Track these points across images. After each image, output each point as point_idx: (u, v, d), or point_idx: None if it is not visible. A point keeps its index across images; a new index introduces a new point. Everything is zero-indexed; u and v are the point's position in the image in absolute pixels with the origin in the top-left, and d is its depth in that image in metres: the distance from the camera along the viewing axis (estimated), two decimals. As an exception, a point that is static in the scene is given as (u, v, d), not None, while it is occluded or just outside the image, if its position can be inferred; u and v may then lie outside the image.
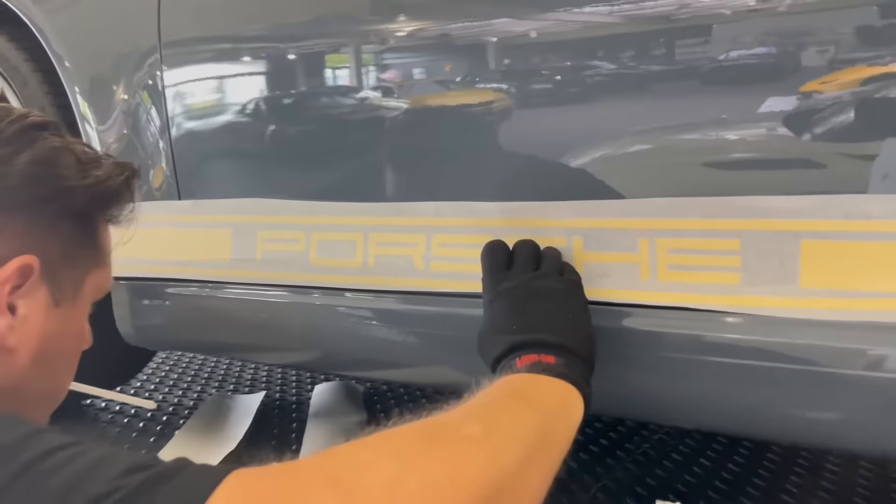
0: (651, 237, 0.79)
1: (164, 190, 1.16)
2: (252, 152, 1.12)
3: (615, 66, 0.81)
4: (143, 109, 1.19)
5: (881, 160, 0.68)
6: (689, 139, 0.78)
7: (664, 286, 0.79)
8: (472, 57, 0.91)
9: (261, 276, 1.07)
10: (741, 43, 0.74)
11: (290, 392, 1.68)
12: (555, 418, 0.62)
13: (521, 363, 0.69)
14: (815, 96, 0.71)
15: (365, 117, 1.00)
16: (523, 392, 0.65)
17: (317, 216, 1.02)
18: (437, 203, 0.93)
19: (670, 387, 0.81)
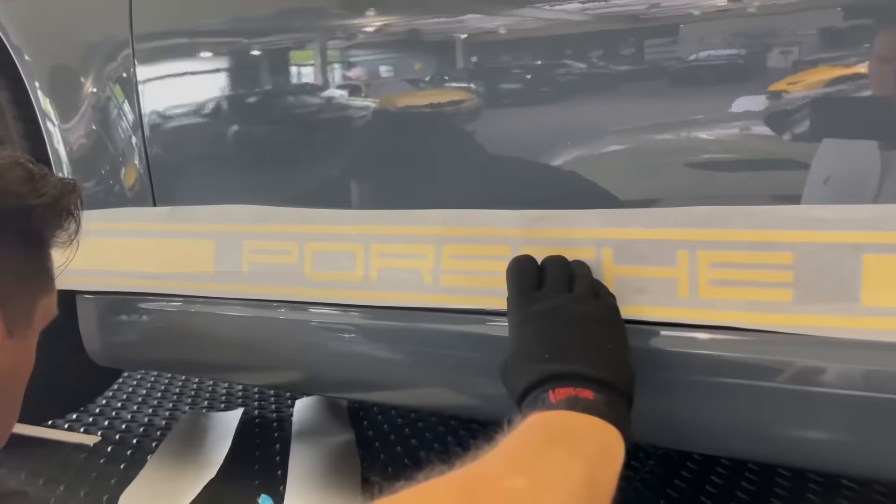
0: (691, 249, 0.72)
1: (138, 190, 1.06)
2: (235, 154, 1.03)
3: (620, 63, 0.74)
4: (115, 104, 1.08)
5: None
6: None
7: (706, 303, 0.72)
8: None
9: (248, 290, 0.97)
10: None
11: (269, 408, 1.58)
12: (601, 466, 0.56)
13: (556, 397, 0.62)
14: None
15: (365, 116, 0.92)
16: (566, 436, 0.58)
17: (311, 224, 0.93)
18: (447, 211, 0.85)
19: (709, 413, 0.74)
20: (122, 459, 1.29)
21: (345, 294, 0.91)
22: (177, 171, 1.07)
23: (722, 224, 0.70)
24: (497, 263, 0.81)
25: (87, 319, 1.09)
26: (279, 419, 1.50)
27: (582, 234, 0.77)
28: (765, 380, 0.70)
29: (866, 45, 0.65)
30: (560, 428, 0.59)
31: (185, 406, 1.59)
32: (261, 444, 1.37)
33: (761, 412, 0.71)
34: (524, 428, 0.59)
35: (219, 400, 1.63)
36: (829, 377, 0.68)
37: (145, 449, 1.33)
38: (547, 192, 0.81)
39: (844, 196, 0.67)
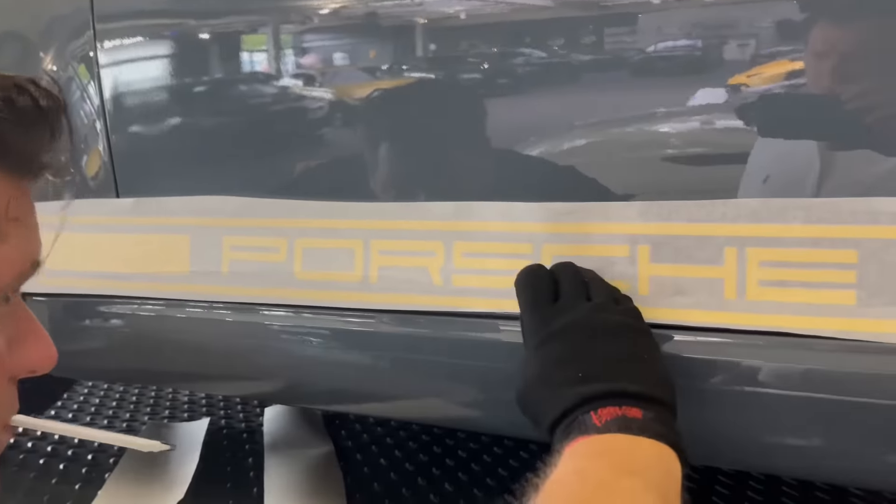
0: (740, 246, 0.65)
1: (100, 180, 0.94)
2: (206, 142, 0.92)
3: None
4: (78, 85, 0.96)
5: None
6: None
7: (755, 306, 0.65)
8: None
9: (229, 292, 0.87)
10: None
11: (236, 417, 1.46)
12: (671, 494, 0.52)
13: (601, 419, 0.55)
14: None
15: (361, 98, 0.83)
16: (633, 465, 0.52)
17: (302, 218, 0.83)
18: (459, 203, 0.76)
19: (760, 429, 0.68)
20: (76, 478, 1.17)
21: (341, 296, 0.81)
22: (142, 161, 0.96)
23: (775, 218, 0.64)
24: (516, 262, 0.73)
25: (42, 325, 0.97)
26: (249, 430, 1.39)
27: (616, 230, 0.69)
28: (820, 391, 0.64)
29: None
30: (622, 456, 0.53)
31: (144, 416, 1.47)
32: (231, 458, 1.26)
33: (817, 426, 0.65)
34: (580, 457, 0.53)
35: (180, 409, 1.51)
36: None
37: (102, 466, 1.21)
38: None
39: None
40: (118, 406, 1.52)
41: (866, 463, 0.65)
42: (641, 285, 0.69)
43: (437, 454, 1.26)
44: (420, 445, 1.30)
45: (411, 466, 1.22)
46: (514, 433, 0.99)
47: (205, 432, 1.34)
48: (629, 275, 0.69)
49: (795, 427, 0.66)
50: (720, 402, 0.68)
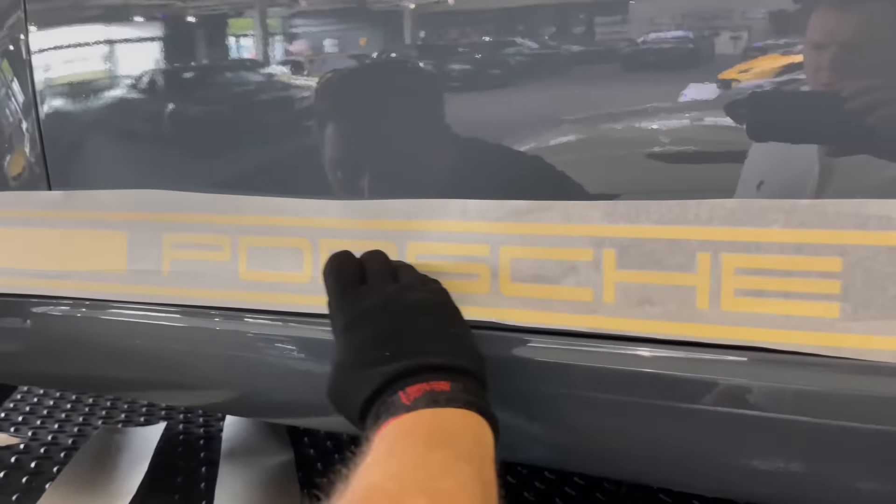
0: (714, 252, 0.59)
1: (25, 180, 0.87)
2: (151, 134, 0.85)
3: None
4: (1, 82, 0.89)
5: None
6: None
7: (730, 318, 0.59)
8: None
9: (169, 293, 0.80)
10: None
11: (196, 422, 1.39)
12: (484, 463, 0.51)
13: (409, 397, 0.54)
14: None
15: (313, 85, 0.76)
16: (443, 437, 0.52)
17: (246, 215, 0.77)
18: (413, 201, 0.70)
19: (734, 453, 0.62)
20: (15, 488, 1.10)
21: (288, 299, 0.75)
22: (78, 156, 0.88)
23: (753, 221, 0.58)
24: (473, 265, 0.68)
25: (-35, 326, 0.90)
26: (207, 436, 1.33)
27: (579, 231, 0.63)
28: (799, 413, 0.58)
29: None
30: (432, 430, 0.52)
31: (98, 420, 1.39)
32: (184, 466, 1.20)
33: (792, 450, 0.59)
34: (392, 438, 0.52)
35: (138, 413, 1.44)
36: (881, 412, 0.56)
37: (46, 475, 1.14)
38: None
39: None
40: (72, 409, 1.45)
41: (844, 490, 0.59)
42: (606, 293, 0.63)
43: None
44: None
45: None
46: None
47: (159, 438, 1.27)
48: (593, 281, 0.63)
49: (773, 451, 0.61)
50: (692, 422, 0.62)
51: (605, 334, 0.64)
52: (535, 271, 0.65)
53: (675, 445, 0.65)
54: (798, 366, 0.58)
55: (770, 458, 0.61)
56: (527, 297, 0.66)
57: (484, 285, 0.67)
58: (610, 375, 0.64)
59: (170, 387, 0.88)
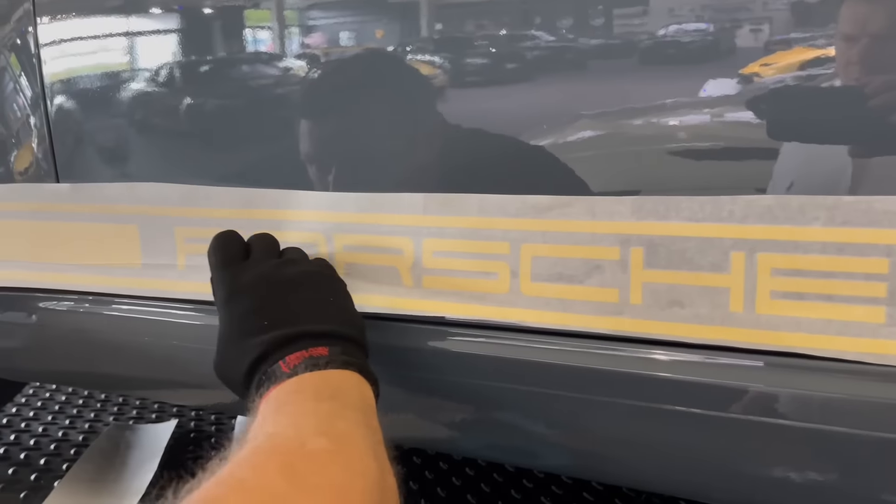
0: (749, 251, 0.56)
1: (32, 175, 0.85)
2: (160, 128, 0.82)
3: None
4: (10, 76, 0.87)
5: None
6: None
7: (766, 322, 0.56)
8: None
9: (184, 288, 0.78)
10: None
11: (207, 420, 1.37)
12: (369, 412, 0.54)
13: (289, 365, 0.56)
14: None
15: (323, 76, 0.73)
16: (329, 391, 0.54)
17: (259, 209, 0.74)
18: (429, 195, 0.67)
19: (761, 462, 0.58)
20: (24, 485, 1.08)
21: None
22: (89, 154, 0.85)
23: (792, 219, 0.54)
24: (493, 263, 0.64)
25: (-29, 321, 0.88)
26: (219, 433, 1.31)
27: (605, 229, 0.60)
28: (841, 424, 0.55)
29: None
30: (316, 386, 0.54)
31: (110, 416, 1.38)
32: (194, 464, 1.17)
33: (824, 463, 0.56)
34: (277, 399, 0.53)
35: (150, 409, 1.42)
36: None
37: (55, 472, 1.13)
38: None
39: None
40: (83, 405, 1.43)
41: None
42: (633, 294, 0.60)
43: (417, 465, 1.17)
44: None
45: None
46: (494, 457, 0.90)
47: (170, 435, 1.25)
48: (619, 281, 0.60)
49: (806, 462, 0.57)
50: (722, 431, 0.58)
51: (630, 337, 0.61)
52: (558, 270, 0.62)
53: (699, 454, 0.61)
54: (837, 374, 0.54)
55: (802, 469, 0.58)
56: (548, 298, 0.63)
57: (503, 284, 0.64)
58: (629, 380, 0.61)
59: (180, 386, 0.86)
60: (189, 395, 0.91)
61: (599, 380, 0.62)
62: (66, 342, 0.85)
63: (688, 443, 0.61)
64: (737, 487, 0.62)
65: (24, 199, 0.84)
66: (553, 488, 1.09)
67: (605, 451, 0.67)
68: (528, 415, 0.68)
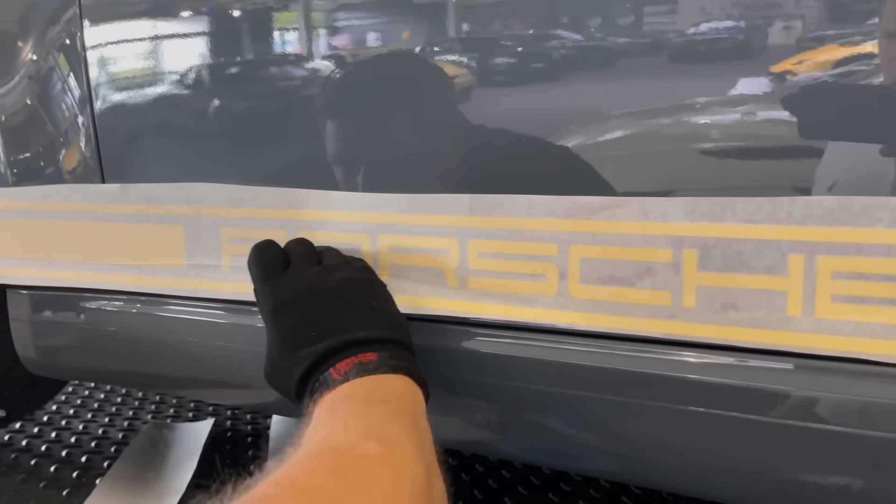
0: (809, 253, 0.54)
1: (80, 174, 0.86)
2: (208, 132, 0.83)
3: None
4: (59, 76, 0.88)
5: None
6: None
7: (826, 326, 0.54)
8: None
9: (229, 289, 0.78)
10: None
11: (243, 419, 1.38)
12: (419, 415, 0.55)
13: (339, 373, 0.57)
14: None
15: (369, 78, 0.73)
16: (379, 396, 0.55)
17: (304, 209, 0.74)
18: (474, 196, 0.66)
19: (822, 473, 0.57)
20: (66, 483, 1.10)
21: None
22: (135, 153, 0.86)
23: (854, 220, 0.53)
24: (540, 266, 0.64)
25: (19, 320, 0.89)
26: (255, 433, 1.31)
27: (657, 230, 0.59)
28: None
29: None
30: (368, 391, 0.56)
31: (148, 415, 1.39)
32: (232, 463, 1.18)
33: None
34: (330, 404, 0.54)
35: (186, 408, 1.43)
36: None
37: (96, 469, 1.14)
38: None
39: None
40: (122, 403, 1.45)
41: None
42: (687, 297, 0.59)
43: (453, 467, 1.16)
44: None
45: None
46: (533, 460, 0.89)
47: (207, 434, 1.26)
48: (671, 284, 0.59)
49: (870, 473, 0.55)
50: (777, 440, 0.57)
51: (682, 341, 0.60)
52: (608, 273, 0.61)
53: (746, 460, 0.60)
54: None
55: (854, 476, 0.56)
56: (597, 301, 0.62)
57: (551, 287, 0.63)
58: (671, 383, 0.60)
59: (222, 386, 0.86)
60: (231, 395, 0.92)
61: (644, 383, 0.61)
62: (112, 342, 0.86)
63: (732, 448, 0.60)
64: (788, 496, 0.61)
65: (72, 200, 0.85)
66: (561, 484, 1.08)
67: (650, 456, 0.66)
68: (572, 419, 0.67)
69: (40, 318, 0.89)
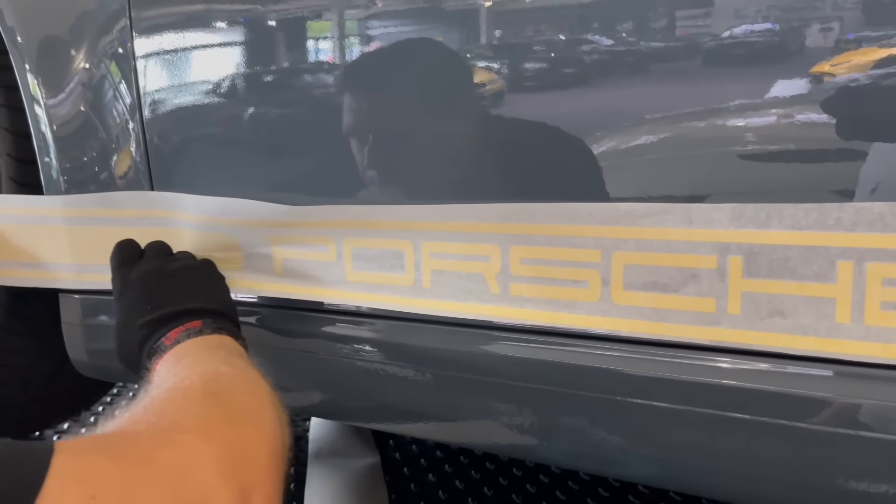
0: (858, 260, 0.54)
1: (131, 179, 0.88)
2: (252, 140, 0.84)
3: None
4: (110, 83, 0.90)
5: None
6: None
7: (876, 333, 0.54)
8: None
9: (280, 289, 0.81)
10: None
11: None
12: (249, 360, 0.63)
13: (170, 340, 0.65)
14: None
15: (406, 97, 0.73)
16: (211, 347, 0.63)
17: (345, 219, 0.75)
18: (515, 204, 0.67)
19: (875, 481, 0.56)
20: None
21: (392, 300, 0.73)
22: (181, 159, 0.88)
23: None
24: (582, 272, 0.64)
25: (71, 324, 0.92)
26: (294, 436, 1.33)
27: (702, 236, 0.59)
28: None
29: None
30: (199, 345, 0.63)
31: (190, 416, 1.42)
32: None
33: None
34: (169, 361, 0.61)
35: (227, 410, 1.46)
36: None
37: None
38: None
39: None
40: (165, 404, 1.48)
41: None
42: (731, 304, 0.58)
43: (489, 471, 1.16)
44: (472, 461, 1.21)
45: (461, 484, 1.13)
46: (573, 465, 0.90)
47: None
48: (716, 291, 0.58)
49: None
50: (824, 448, 0.56)
51: (727, 348, 0.59)
52: (651, 279, 0.61)
53: (784, 466, 0.60)
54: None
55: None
56: (641, 307, 0.62)
57: (594, 293, 0.63)
58: (714, 390, 0.60)
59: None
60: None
61: (684, 389, 0.61)
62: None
63: (771, 455, 0.60)
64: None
65: (129, 206, 0.87)
66: (599, 490, 1.08)
67: (690, 461, 0.66)
68: (612, 424, 0.67)
69: (92, 321, 0.91)
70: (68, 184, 0.91)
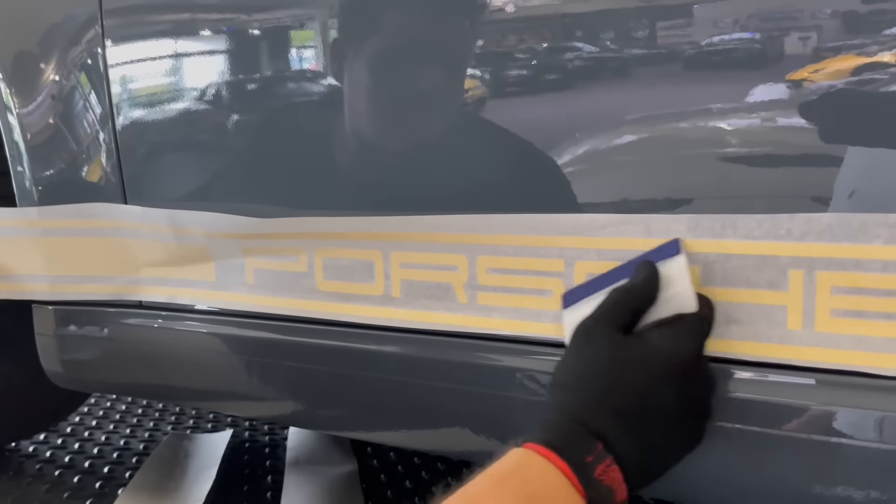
0: (808, 269, 0.55)
1: (104, 189, 0.89)
2: (226, 149, 0.85)
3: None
4: (80, 94, 0.91)
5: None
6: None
7: (826, 339, 0.56)
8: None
9: (253, 301, 0.81)
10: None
11: (261, 430, 1.41)
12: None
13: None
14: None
15: (381, 101, 0.75)
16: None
17: (315, 231, 0.76)
18: (477, 216, 0.68)
19: (823, 483, 0.58)
20: (89, 493, 1.12)
21: (361, 310, 0.74)
22: (154, 169, 0.89)
23: (853, 237, 0.54)
24: (546, 281, 0.65)
25: (44, 334, 0.93)
26: (272, 444, 1.34)
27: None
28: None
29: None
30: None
31: (168, 426, 1.42)
32: (250, 474, 1.21)
33: None
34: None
35: (205, 419, 1.46)
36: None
37: (118, 479, 1.17)
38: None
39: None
40: (143, 414, 1.48)
41: None
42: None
43: (465, 476, 1.17)
44: (449, 467, 1.22)
45: (437, 490, 1.14)
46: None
47: (226, 445, 1.29)
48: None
49: (867, 483, 0.56)
50: (777, 450, 0.58)
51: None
52: (615, 287, 0.62)
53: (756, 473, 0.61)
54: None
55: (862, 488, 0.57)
56: (604, 315, 0.63)
57: (558, 302, 0.65)
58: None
59: (241, 398, 0.89)
60: (248, 407, 0.93)
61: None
62: (135, 355, 0.89)
63: (741, 461, 0.61)
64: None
65: (97, 218, 0.88)
66: None
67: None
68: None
69: (66, 332, 0.92)
70: (41, 194, 0.92)
